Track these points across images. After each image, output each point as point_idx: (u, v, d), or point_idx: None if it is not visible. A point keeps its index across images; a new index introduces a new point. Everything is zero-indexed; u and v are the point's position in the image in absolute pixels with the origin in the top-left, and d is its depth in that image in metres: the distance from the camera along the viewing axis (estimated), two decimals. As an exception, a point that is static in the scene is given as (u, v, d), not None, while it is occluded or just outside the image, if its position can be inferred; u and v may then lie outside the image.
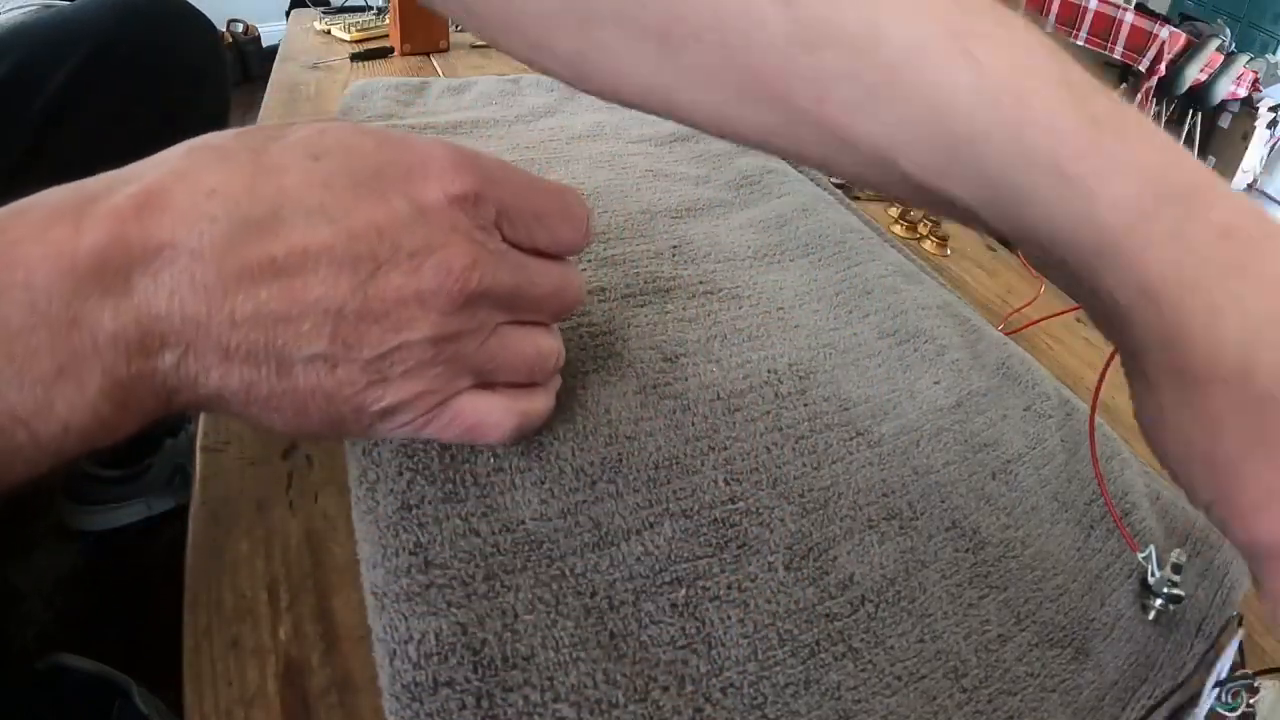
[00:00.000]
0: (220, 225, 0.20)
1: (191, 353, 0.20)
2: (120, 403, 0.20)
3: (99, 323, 0.19)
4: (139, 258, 0.19)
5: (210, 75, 0.66)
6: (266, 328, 0.20)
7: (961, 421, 0.38)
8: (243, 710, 0.23)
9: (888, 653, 0.27)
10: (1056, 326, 0.54)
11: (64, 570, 0.88)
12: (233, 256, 0.20)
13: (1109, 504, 0.36)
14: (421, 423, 0.24)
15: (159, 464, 0.93)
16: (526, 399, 0.27)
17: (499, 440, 0.26)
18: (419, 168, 0.22)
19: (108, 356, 0.19)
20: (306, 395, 0.22)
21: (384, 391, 0.22)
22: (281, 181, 0.21)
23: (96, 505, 0.91)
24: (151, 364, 0.20)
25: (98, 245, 0.19)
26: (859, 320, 0.42)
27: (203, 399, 0.21)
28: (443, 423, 0.24)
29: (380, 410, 0.23)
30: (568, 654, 0.24)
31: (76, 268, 0.18)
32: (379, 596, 0.24)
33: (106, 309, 0.19)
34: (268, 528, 0.28)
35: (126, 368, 0.19)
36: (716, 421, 0.33)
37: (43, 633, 0.81)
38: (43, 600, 0.84)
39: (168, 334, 0.20)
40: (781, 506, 0.30)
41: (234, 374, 0.21)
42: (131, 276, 0.19)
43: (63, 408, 0.19)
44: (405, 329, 0.22)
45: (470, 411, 0.25)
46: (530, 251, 0.25)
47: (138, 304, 0.19)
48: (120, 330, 0.19)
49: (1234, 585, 0.35)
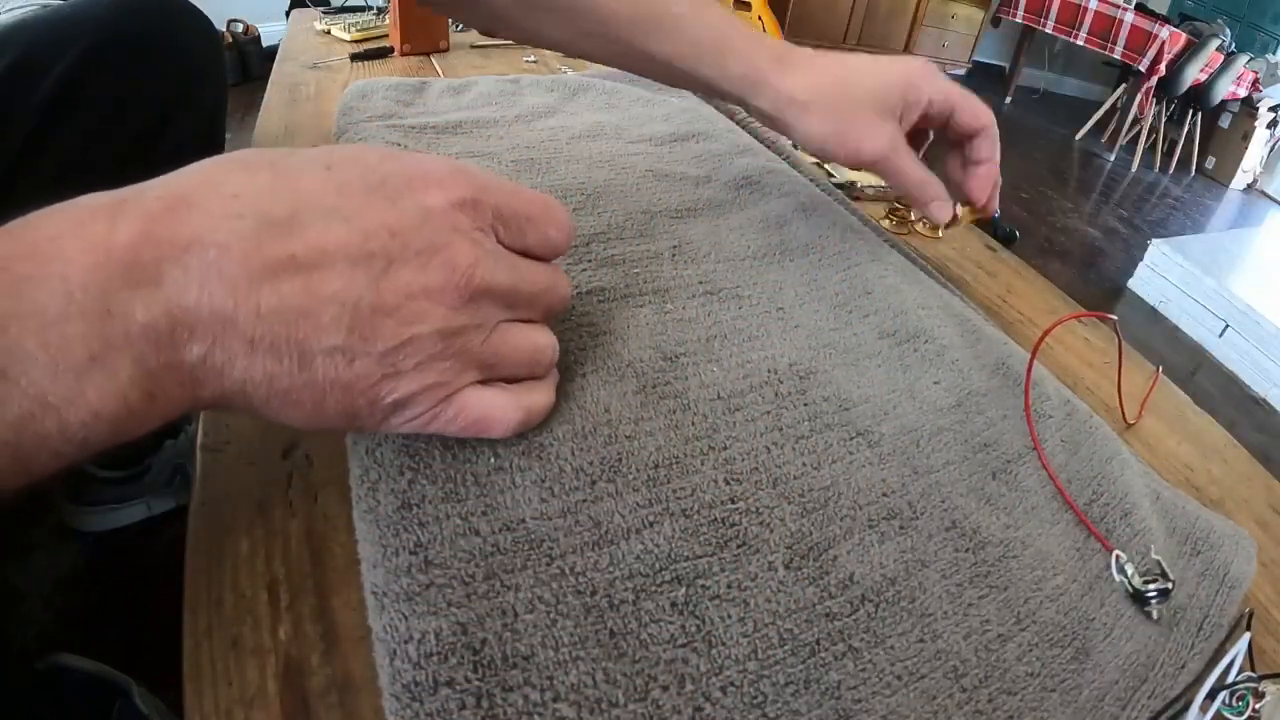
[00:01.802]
0: (245, 223, 0.21)
1: (219, 345, 0.21)
2: (148, 393, 0.20)
3: (131, 314, 0.20)
4: (169, 253, 0.20)
5: (208, 71, 0.66)
6: (289, 321, 0.21)
7: (961, 421, 0.38)
8: (243, 710, 0.23)
9: (888, 652, 0.27)
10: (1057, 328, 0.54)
11: (64, 570, 0.88)
12: (256, 253, 0.21)
13: (1059, 488, 0.36)
14: (429, 416, 0.25)
15: (159, 465, 0.93)
16: (528, 393, 0.28)
17: (504, 433, 0.27)
18: (420, 177, 0.25)
19: (139, 346, 0.20)
20: (325, 388, 0.23)
21: (397, 384, 0.24)
22: (299, 186, 0.23)
23: (97, 506, 0.91)
24: (180, 355, 0.21)
25: (131, 240, 0.20)
26: (859, 320, 0.42)
27: (227, 392, 0.22)
28: (449, 416, 0.26)
29: (393, 403, 0.24)
30: (567, 653, 0.24)
31: (111, 261, 0.20)
32: (379, 596, 0.24)
33: (139, 301, 0.20)
34: (268, 528, 0.28)
35: (156, 358, 0.20)
36: (716, 421, 0.33)
37: (43, 633, 0.81)
38: (43, 600, 0.84)
39: (196, 326, 0.21)
40: (781, 506, 0.30)
41: (258, 365, 0.22)
42: (162, 270, 0.20)
43: (93, 395, 0.19)
44: (416, 322, 0.23)
45: (476, 404, 0.26)
46: (520, 253, 0.27)
47: (168, 296, 0.20)
48: (151, 321, 0.20)
49: (1234, 585, 0.35)
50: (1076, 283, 2.59)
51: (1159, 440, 0.47)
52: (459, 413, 0.26)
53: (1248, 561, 0.36)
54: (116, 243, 0.20)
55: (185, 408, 0.22)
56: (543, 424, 0.30)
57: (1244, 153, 3.96)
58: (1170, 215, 3.48)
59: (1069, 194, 3.42)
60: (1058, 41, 4.34)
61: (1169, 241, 2.53)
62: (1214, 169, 4.13)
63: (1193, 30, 3.67)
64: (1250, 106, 3.86)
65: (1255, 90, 3.81)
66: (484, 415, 0.26)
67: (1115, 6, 3.67)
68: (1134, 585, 0.32)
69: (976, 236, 0.70)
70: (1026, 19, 4.05)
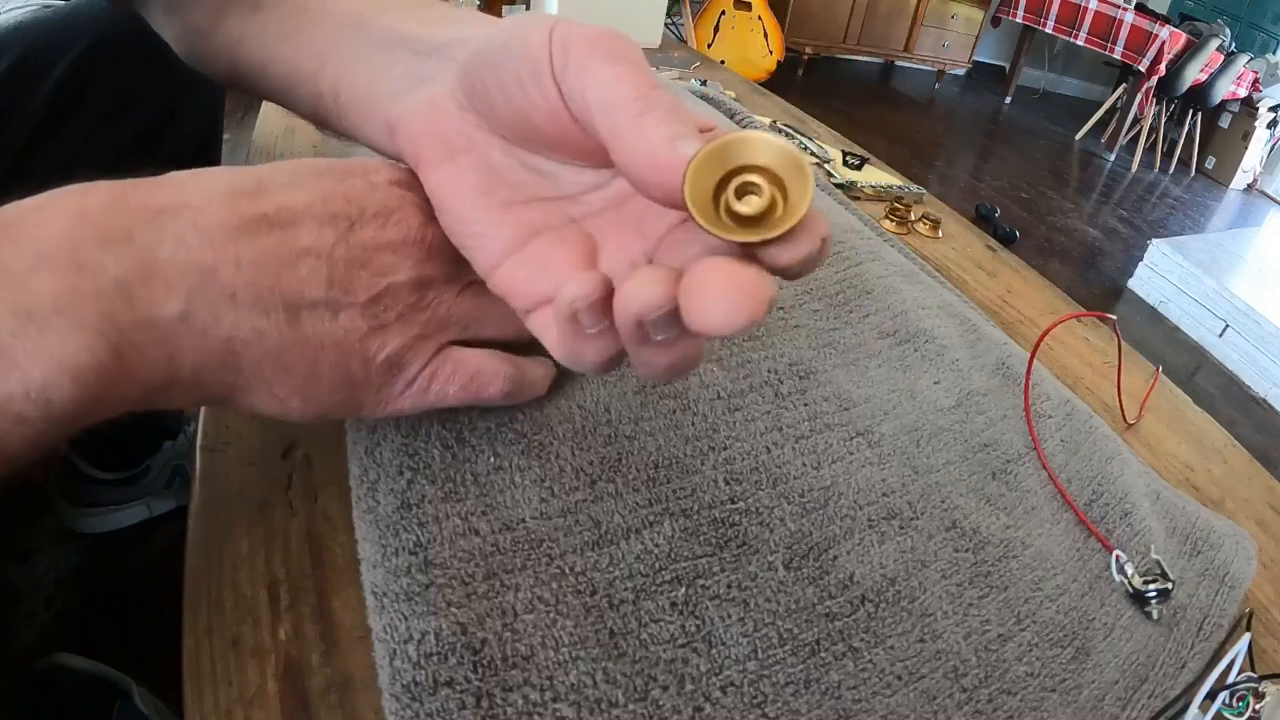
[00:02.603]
0: (217, 188, 0.22)
1: (199, 300, 0.21)
2: (117, 351, 0.20)
3: (102, 268, 0.20)
4: (142, 215, 0.21)
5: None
6: (269, 272, 0.22)
7: (961, 421, 0.38)
8: (243, 710, 0.23)
9: (888, 652, 0.27)
10: (1057, 328, 0.54)
11: (64, 571, 0.88)
12: (230, 211, 0.22)
13: (1059, 488, 0.36)
14: (428, 376, 0.26)
15: (158, 466, 0.93)
16: (519, 359, 0.28)
17: (500, 391, 0.28)
18: (359, 164, 0.26)
19: (109, 300, 0.20)
20: (316, 347, 0.23)
21: (385, 339, 0.24)
22: (257, 171, 0.24)
23: (96, 508, 0.91)
24: (156, 311, 0.20)
25: (103, 203, 0.21)
26: (859, 320, 0.42)
27: (211, 356, 0.22)
28: (448, 373, 0.26)
29: (386, 360, 0.25)
30: (567, 653, 0.24)
31: (82, 221, 0.20)
32: (379, 596, 0.24)
33: (111, 255, 0.20)
34: (268, 528, 0.28)
35: (129, 313, 0.20)
36: (716, 421, 0.33)
37: (43, 633, 0.81)
38: (43, 600, 0.84)
39: (173, 280, 0.21)
40: (781, 506, 0.30)
41: (245, 322, 0.22)
42: (135, 229, 0.21)
43: (55, 343, 0.19)
44: (389, 274, 0.24)
45: (469, 359, 0.27)
46: None
47: (142, 252, 0.20)
48: (123, 276, 0.20)
49: (1234, 585, 0.35)
50: (1076, 283, 2.59)
51: (1159, 440, 0.47)
52: (456, 368, 0.26)
53: (1248, 561, 0.36)
54: (89, 205, 0.20)
55: (163, 374, 0.21)
56: (543, 423, 0.30)
57: (1244, 153, 3.96)
58: (1170, 215, 3.48)
59: (1069, 194, 3.42)
60: (1058, 41, 4.35)
61: (1169, 241, 2.53)
62: (1214, 169, 4.13)
63: (1193, 30, 3.67)
64: (1250, 106, 3.86)
65: (1255, 90, 3.81)
66: (480, 369, 0.27)
67: (1115, 6, 3.67)
68: (1134, 585, 0.32)
69: (976, 236, 0.70)
70: (1026, 19, 4.06)
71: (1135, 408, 0.48)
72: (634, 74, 0.20)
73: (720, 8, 3.17)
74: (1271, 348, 2.19)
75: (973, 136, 4.00)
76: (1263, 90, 3.80)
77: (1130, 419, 0.47)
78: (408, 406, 0.26)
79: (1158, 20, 3.58)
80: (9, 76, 0.52)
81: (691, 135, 0.19)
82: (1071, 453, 0.38)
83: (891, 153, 3.16)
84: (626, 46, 0.21)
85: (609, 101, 0.20)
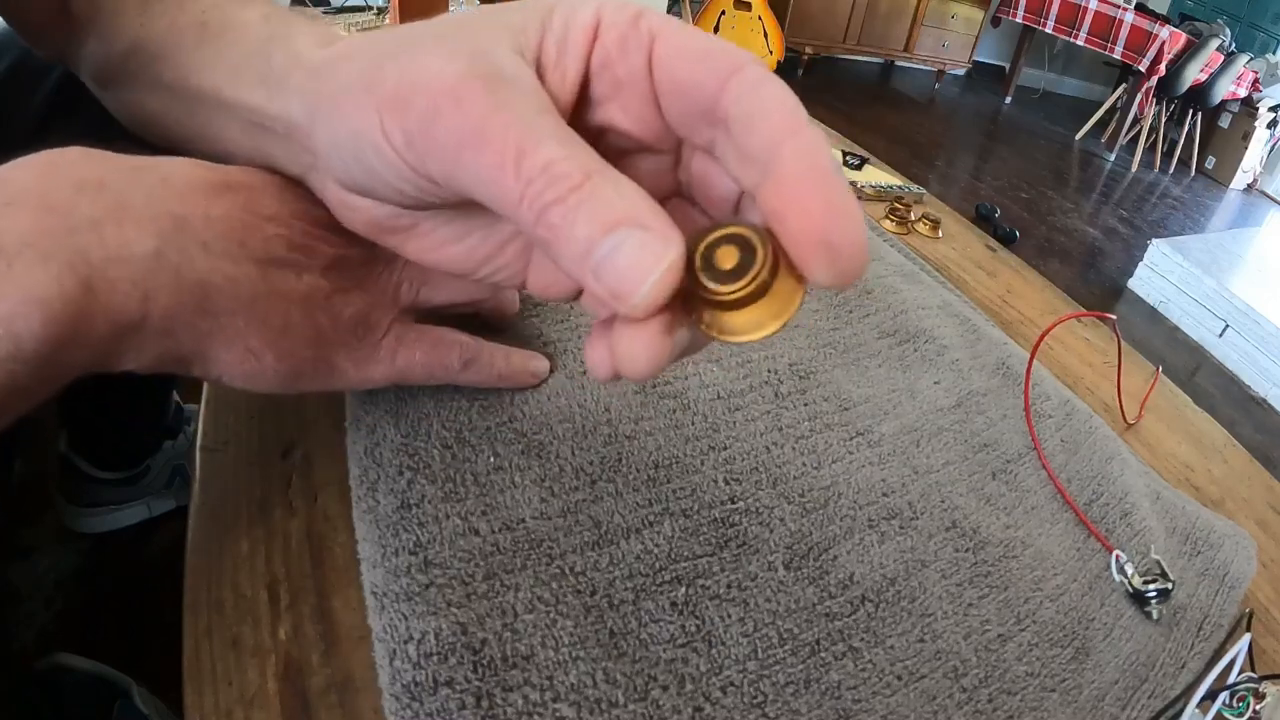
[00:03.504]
0: (183, 162, 0.24)
1: (172, 243, 0.21)
2: (86, 283, 0.19)
3: (75, 209, 0.20)
4: (113, 167, 0.22)
5: None
6: (237, 227, 0.23)
7: (961, 421, 0.38)
8: (243, 710, 0.23)
9: (888, 652, 0.27)
10: (1057, 327, 0.54)
11: (64, 571, 0.88)
12: (198, 176, 0.24)
13: (1059, 488, 0.36)
14: (394, 340, 0.27)
15: (158, 466, 0.93)
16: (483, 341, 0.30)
17: (458, 361, 0.29)
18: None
19: (82, 236, 0.20)
20: (287, 299, 0.24)
21: (349, 298, 0.26)
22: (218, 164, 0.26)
23: (96, 507, 0.91)
24: (128, 248, 0.20)
25: (75, 158, 0.21)
26: (859, 320, 0.42)
27: (186, 297, 0.21)
28: (411, 338, 0.28)
29: (352, 318, 0.26)
30: (567, 653, 0.24)
31: (54, 169, 0.21)
32: (379, 596, 0.24)
33: (84, 199, 0.20)
34: (268, 528, 0.28)
35: (101, 250, 0.20)
36: (716, 421, 0.33)
37: (43, 633, 0.81)
38: (43, 600, 0.84)
39: (144, 221, 0.21)
40: (781, 506, 0.30)
41: (217, 269, 0.22)
42: (107, 180, 0.21)
43: (21, 271, 0.18)
44: (342, 247, 0.26)
45: (430, 328, 0.29)
46: None
47: (115, 195, 0.21)
48: (96, 215, 0.20)
49: (1234, 585, 0.35)
50: (1076, 283, 2.59)
51: (1159, 440, 0.47)
52: (419, 335, 0.28)
53: (1248, 561, 0.36)
54: (61, 159, 0.21)
55: (134, 311, 0.21)
56: (543, 423, 0.30)
57: (1244, 153, 3.96)
58: (1170, 215, 3.48)
59: (1069, 194, 3.42)
60: (1058, 41, 4.35)
61: (1169, 241, 2.53)
62: (1214, 169, 4.13)
63: (1193, 30, 3.67)
64: (1250, 106, 3.86)
65: (1255, 90, 3.81)
66: (440, 336, 0.28)
67: (1115, 6, 3.67)
68: (1134, 585, 0.32)
69: (976, 236, 0.70)
70: (1026, 19, 4.06)
71: (1135, 408, 0.48)
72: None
73: (720, 8, 3.17)
74: (1271, 348, 2.19)
75: (973, 136, 4.00)
76: (1263, 90, 3.80)
77: (1130, 419, 0.47)
78: (379, 376, 0.27)
79: (1158, 20, 3.58)
80: (9, 76, 0.51)
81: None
82: (1071, 453, 0.38)
83: (891, 153, 3.16)
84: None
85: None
